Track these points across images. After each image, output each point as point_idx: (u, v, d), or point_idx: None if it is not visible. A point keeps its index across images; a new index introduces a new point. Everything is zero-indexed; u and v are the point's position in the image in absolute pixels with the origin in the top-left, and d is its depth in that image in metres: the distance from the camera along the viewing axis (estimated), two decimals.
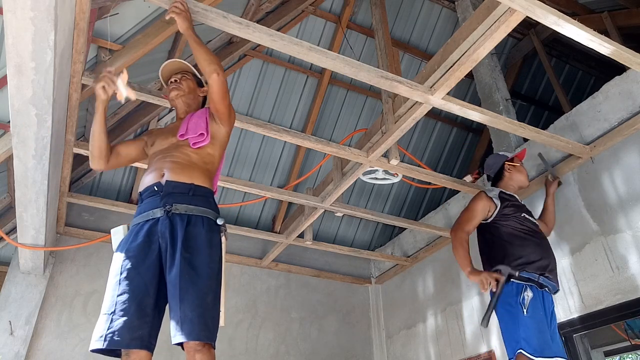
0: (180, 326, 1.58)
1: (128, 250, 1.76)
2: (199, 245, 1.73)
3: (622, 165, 2.98)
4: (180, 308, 1.60)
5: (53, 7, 1.61)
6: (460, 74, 2.43)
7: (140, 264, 1.72)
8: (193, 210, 1.80)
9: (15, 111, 2.07)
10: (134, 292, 1.67)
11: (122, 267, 1.73)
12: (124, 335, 1.59)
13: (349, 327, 5.00)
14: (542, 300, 2.47)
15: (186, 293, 1.62)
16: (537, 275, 2.49)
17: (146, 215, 1.81)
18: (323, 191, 3.73)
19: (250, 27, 2.10)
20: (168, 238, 1.73)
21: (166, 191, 1.83)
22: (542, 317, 2.42)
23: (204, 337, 1.59)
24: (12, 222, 3.79)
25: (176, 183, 1.85)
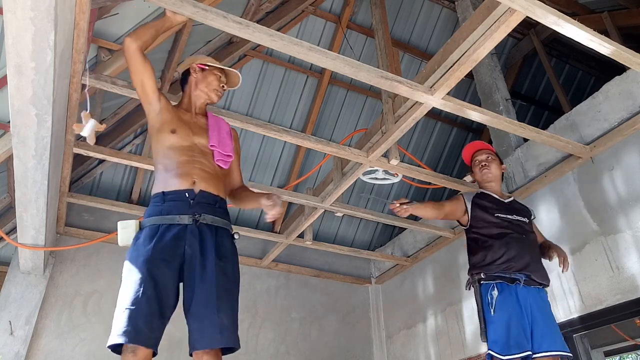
0: (220, 332, 1.65)
1: (154, 249, 1.72)
2: (228, 255, 1.84)
3: (622, 166, 2.98)
4: (218, 315, 1.67)
5: (53, 7, 1.61)
6: (460, 74, 2.43)
7: (166, 266, 1.72)
8: (218, 222, 1.87)
9: (15, 111, 2.07)
10: (159, 292, 1.67)
11: (146, 265, 1.69)
12: (146, 334, 1.59)
13: (349, 327, 5.00)
14: (515, 295, 2.43)
15: (222, 301, 1.71)
16: (508, 272, 2.46)
17: (171, 218, 1.79)
18: (323, 191, 3.73)
19: (250, 27, 2.10)
20: (197, 247, 1.77)
21: (197, 200, 1.85)
22: (511, 314, 2.38)
23: (237, 343, 1.71)
24: (12, 222, 3.80)
25: (207, 194, 1.88)
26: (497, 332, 2.36)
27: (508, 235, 2.58)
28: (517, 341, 2.31)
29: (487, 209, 2.70)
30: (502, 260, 2.51)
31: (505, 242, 2.57)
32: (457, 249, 4.17)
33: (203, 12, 2.00)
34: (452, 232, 4.19)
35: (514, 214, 2.67)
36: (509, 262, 2.49)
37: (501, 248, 2.55)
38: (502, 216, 2.65)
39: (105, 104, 3.67)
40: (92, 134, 2.06)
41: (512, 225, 2.62)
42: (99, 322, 3.88)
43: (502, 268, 2.49)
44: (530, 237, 2.61)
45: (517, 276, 2.46)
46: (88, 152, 3.11)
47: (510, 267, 2.48)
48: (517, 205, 2.75)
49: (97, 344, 3.79)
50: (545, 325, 2.38)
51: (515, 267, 2.48)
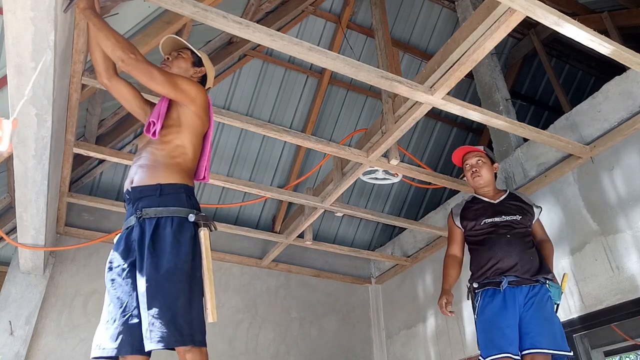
0: (150, 333, 1.54)
1: (111, 260, 1.80)
2: (165, 247, 1.66)
3: (622, 165, 2.98)
4: (148, 315, 1.56)
5: (53, 7, 1.61)
6: (460, 74, 2.42)
7: (122, 272, 1.75)
8: (163, 212, 1.73)
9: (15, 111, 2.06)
10: (119, 300, 1.70)
11: (108, 277, 1.78)
12: (108, 345, 1.64)
13: (349, 327, 5.00)
14: (501, 298, 2.42)
15: (154, 299, 1.58)
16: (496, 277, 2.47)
17: (126, 223, 1.82)
18: (323, 191, 3.73)
19: (250, 27, 2.10)
20: (137, 244, 1.71)
21: (134, 197, 1.80)
22: (492, 316, 2.40)
23: (174, 343, 1.55)
24: (12, 222, 3.80)
25: (142, 187, 1.79)
26: (480, 335, 2.44)
27: (492, 239, 2.56)
28: (496, 343, 2.33)
29: (474, 217, 2.70)
30: (488, 266, 2.51)
31: (488, 247, 2.56)
32: None
33: (203, 12, 2.00)
34: None
35: (502, 214, 2.62)
36: (494, 266, 2.49)
37: (486, 254, 2.55)
38: (489, 221, 2.62)
39: (105, 104, 3.67)
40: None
41: (499, 226, 2.58)
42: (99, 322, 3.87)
43: (489, 274, 2.50)
44: (519, 235, 2.55)
45: (502, 279, 2.45)
46: (88, 152, 3.11)
47: (497, 271, 2.48)
48: (510, 203, 2.68)
49: None
50: (539, 323, 2.33)
51: (500, 270, 2.47)
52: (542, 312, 2.38)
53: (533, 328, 2.32)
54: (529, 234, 2.61)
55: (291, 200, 3.81)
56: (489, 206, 2.68)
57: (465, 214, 2.74)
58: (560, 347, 2.27)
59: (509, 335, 2.33)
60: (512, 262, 2.46)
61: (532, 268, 2.47)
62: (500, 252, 2.50)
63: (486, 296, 2.49)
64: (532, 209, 2.69)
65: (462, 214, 2.75)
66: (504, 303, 2.41)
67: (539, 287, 2.44)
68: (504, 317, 2.37)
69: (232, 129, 4.64)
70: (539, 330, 2.31)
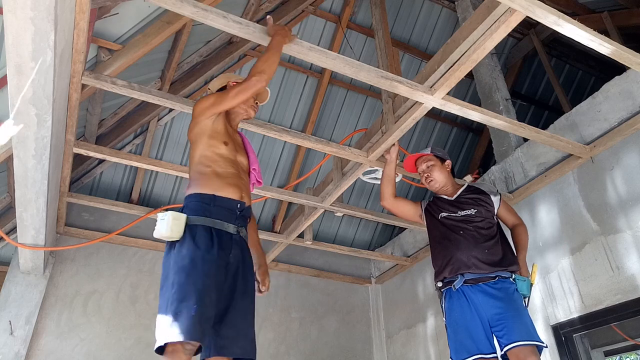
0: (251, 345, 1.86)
1: (218, 255, 1.77)
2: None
3: (622, 165, 2.98)
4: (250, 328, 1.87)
5: (53, 7, 1.61)
6: (460, 74, 2.43)
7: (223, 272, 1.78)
8: (245, 236, 1.97)
9: (15, 111, 2.07)
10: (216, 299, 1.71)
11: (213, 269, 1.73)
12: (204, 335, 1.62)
13: (349, 327, 5.00)
14: (464, 298, 2.38)
15: (252, 315, 1.91)
16: (452, 277, 2.44)
17: (220, 224, 1.84)
18: (323, 191, 3.73)
19: (250, 27, 2.10)
20: (240, 258, 1.87)
21: (242, 214, 1.94)
22: (457, 318, 2.38)
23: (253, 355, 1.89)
24: (12, 222, 3.80)
25: (248, 209, 1.99)
26: (450, 338, 2.40)
27: (447, 236, 2.54)
28: (464, 345, 2.31)
29: (433, 213, 2.71)
30: (444, 264, 2.49)
31: (444, 245, 2.54)
32: None
33: (203, 12, 2.00)
34: None
35: (458, 209, 2.60)
36: (449, 264, 2.46)
37: (442, 252, 2.53)
38: (445, 215, 2.61)
39: (105, 104, 3.67)
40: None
41: (455, 222, 2.55)
42: (99, 322, 3.88)
43: (447, 273, 2.47)
44: (476, 229, 2.50)
45: (456, 277, 2.41)
46: (88, 152, 3.11)
47: (452, 269, 2.44)
48: (465, 198, 2.66)
49: (97, 344, 3.80)
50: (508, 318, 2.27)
51: (456, 268, 2.43)
52: (510, 306, 2.31)
53: (505, 324, 2.26)
54: (489, 225, 2.54)
55: (291, 200, 3.81)
56: (447, 202, 2.70)
57: (428, 209, 2.77)
58: (535, 338, 2.22)
59: (477, 335, 2.29)
60: (466, 259, 2.42)
61: (491, 263, 2.41)
62: (453, 249, 2.47)
63: (449, 297, 2.45)
64: (489, 198, 2.63)
65: (426, 209, 2.79)
66: (467, 302, 2.37)
67: (501, 282, 2.38)
68: (468, 318, 2.33)
69: None
70: (512, 326, 2.25)
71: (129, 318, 3.99)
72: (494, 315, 2.30)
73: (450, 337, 2.40)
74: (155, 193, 4.66)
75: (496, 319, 2.29)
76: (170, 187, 4.70)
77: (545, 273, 3.29)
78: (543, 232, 3.39)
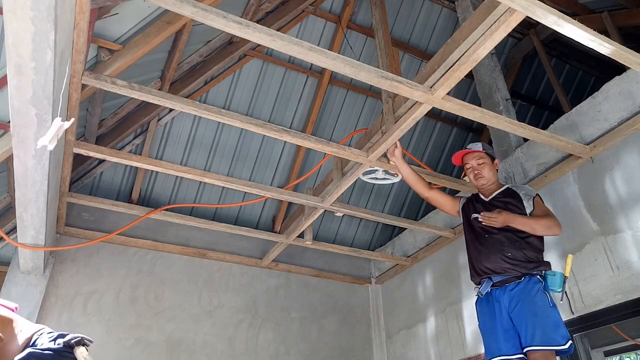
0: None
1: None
2: None
3: (622, 165, 2.98)
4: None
5: (53, 7, 1.61)
6: (460, 74, 2.42)
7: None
8: None
9: (15, 111, 2.07)
10: None
11: None
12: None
13: (349, 327, 5.00)
14: (491, 300, 2.48)
15: None
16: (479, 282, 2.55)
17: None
18: (323, 191, 3.73)
19: (250, 27, 2.10)
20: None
21: None
22: (485, 320, 2.49)
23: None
24: (12, 222, 3.80)
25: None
26: (483, 341, 2.51)
27: (476, 240, 2.60)
28: (489, 347, 2.41)
29: (467, 213, 2.74)
30: (473, 266, 2.59)
31: (474, 247, 2.61)
32: (457, 249, 4.17)
33: (203, 12, 2.00)
34: (452, 232, 4.19)
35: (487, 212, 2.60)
36: (476, 267, 2.56)
37: (472, 255, 2.61)
38: (475, 217, 2.65)
39: (105, 104, 3.67)
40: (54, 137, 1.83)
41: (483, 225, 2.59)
42: (99, 322, 3.88)
43: (476, 275, 2.57)
44: (501, 233, 2.52)
45: (483, 282, 2.50)
46: (88, 152, 3.11)
47: (479, 272, 2.54)
48: (500, 200, 2.66)
49: (97, 344, 3.79)
50: (527, 320, 2.29)
51: (483, 274, 2.51)
52: (530, 307, 2.32)
53: (522, 326, 2.31)
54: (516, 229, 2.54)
55: (291, 200, 3.80)
56: (481, 203, 2.72)
57: (465, 207, 2.80)
58: (550, 342, 2.20)
59: (500, 337, 2.36)
60: (491, 264, 2.48)
61: (515, 263, 2.44)
62: (479, 254, 2.54)
63: (480, 301, 2.56)
64: (521, 202, 2.63)
65: (464, 206, 2.81)
66: (493, 305, 2.45)
67: (525, 281, 2.40)
68: (493, 321, 2.43)
69: (232, 129, 4.64)
70: (528, 328, 2.28)
71: (129, 318, 3.99)
72: (516, 316, 2.36)
73: (483, 340, 2.51)
74: (155, 193, 4.66)
75: (517, 320, 2.35)
76: (170, 187, 4.70)
77: None
78: None
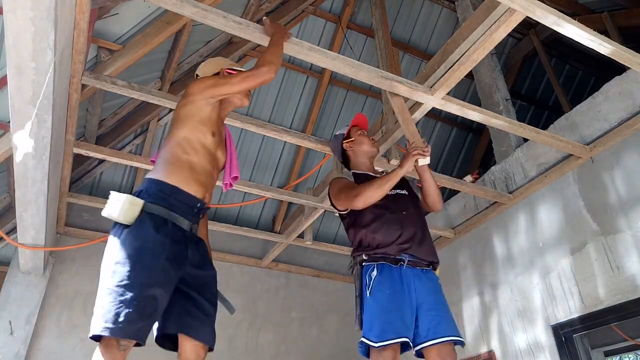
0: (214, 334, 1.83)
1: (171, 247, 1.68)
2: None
3: (622, 166, 2.98)
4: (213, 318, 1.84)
5: (53, 7, 1.61)
6: (460, 74, 2.42)
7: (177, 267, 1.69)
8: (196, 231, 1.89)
9: (15, 111, 2.07)
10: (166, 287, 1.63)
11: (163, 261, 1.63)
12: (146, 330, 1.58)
13: (349, 327, 4.98)
14: (398, 277, 2.18)
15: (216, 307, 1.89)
16: (394, 254, 2.23)
17: (175, 217, 1.74)
18: (323, 191, 3.73)
19: (250, 27, 2.10)
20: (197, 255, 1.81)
21: (199, 211, 1.86)
22: (390, 295, 2.13)
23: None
24: (12, 222, 3.79)
25: (206, 208, 1.91)
26: (373, 315, 2.11)
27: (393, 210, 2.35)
28: (394, 326, 2.05)
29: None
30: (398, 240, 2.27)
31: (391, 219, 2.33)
32: (457, 249, 4.17)
33: (203, 12, 2.00)
34: (452, 232, 4.19)
35: (401, 187, 2.46)
36: (398, 241, 2.26)
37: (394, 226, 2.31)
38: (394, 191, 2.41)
39: (105, 104, 3.67)
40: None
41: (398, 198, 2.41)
42: None
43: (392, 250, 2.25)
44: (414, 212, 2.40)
45: (401, 257, 2.23)
46: (88, 152, 3.11)
47: (401, 248, 2.25)
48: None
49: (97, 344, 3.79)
50: (438, 310, 2.16)
51: (406, 245, 2.25)
52: (443, 298, 2.23)
53: (442, 316, 2.14)
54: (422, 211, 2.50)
55: (291, 200, 3.80)
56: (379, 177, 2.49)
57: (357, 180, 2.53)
58: (459, 334, 2.14)
59: (408, 318, 2.10)
60: (414, 237, 2.29)
61: (429, 248, 2.31)
62: (399, 225, 2.29)
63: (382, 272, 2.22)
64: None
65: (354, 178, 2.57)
66: (402, 284, 2.17)
67: (432, 272, 2.29)
68: (402, 300, 2.13)
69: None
70: (443, 318, 2.14)
71: None
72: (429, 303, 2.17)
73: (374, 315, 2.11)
74: None
75: (429, 308, 2.15)
76: None
77: (545, 273, 3.29)
78: (543, 232, 3.39)
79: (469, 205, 4.12)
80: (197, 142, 1.88)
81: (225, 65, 2.18)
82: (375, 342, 2.01)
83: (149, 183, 1.80)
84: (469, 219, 4.07)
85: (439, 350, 2.07)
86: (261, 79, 1.92)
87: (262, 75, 1.91)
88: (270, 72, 1.91)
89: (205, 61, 2.24)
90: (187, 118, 1.90)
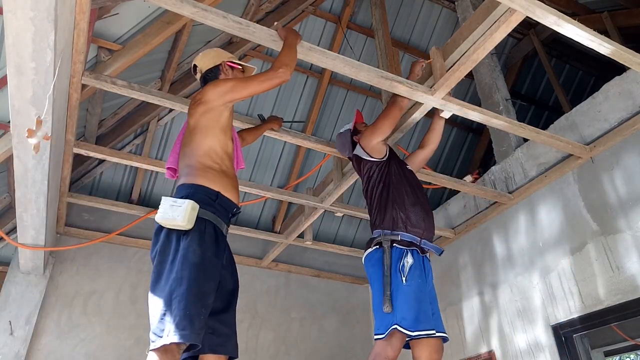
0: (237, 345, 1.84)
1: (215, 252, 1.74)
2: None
3: (622, 166, 2.98)
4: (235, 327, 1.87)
5: (53, 7, 1.61)
6: (460, 74, 2.42)
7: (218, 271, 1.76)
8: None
9: (15, 111, 2.07)
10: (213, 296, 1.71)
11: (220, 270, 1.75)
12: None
13: (349, 327, 5.00)
14: (422, 268, 2.23)
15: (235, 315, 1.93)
16: (419, 239, 2.27)
17: (220, 222, 1.83)
18: (323, 191, 3.73)
19: (250, 27, 2.10)
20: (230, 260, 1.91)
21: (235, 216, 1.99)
22: (421, 286, 2.13)
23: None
24: (12, 222, 3.79)
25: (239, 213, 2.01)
26: (408, 303, 2.08)
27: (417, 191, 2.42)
28: (427, 317, 2.06)
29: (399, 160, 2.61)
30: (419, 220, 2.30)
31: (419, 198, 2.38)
32: (457, 249, 4.17)
33: (203, 12, 2.00)
34: (452, 232, 4.19)
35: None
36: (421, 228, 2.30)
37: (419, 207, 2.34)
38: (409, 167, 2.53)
39: (105, 104, 3.67)
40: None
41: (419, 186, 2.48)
42: (99, 322, 3.88)
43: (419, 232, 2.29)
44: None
45: (427, 247, 2.29)
46: (88, 152, 3.11)
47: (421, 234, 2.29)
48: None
49: (97, 344, 3.80)
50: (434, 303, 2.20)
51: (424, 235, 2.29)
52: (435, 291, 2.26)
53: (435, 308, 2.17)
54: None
55: (291, 200, 3.81)
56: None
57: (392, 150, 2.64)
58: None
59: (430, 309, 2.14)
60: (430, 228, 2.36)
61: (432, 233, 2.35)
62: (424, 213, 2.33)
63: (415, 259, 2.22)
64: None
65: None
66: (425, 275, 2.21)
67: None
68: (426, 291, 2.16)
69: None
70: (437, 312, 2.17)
71: (129, 318, 3.99)
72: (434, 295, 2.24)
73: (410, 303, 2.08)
74: (155, 193, 4.66)
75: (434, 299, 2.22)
76: (171, 187, 4.70)
77: (545, 273, 3.29)
78: (543, 232, 3.39)
79: (469, 205, 4.12)
80: (222, 151, 1.96)
81: (226, 58, 2.21)
82: (412, 330, 2.02)
83: (193, 188, 1.81)
84: (469, 219, 4.07)
85: (430, 343, 2.12)
86: (279, 80, 1.99)
87: (279, 77, 1.98)
88: (286, 73, 1.98)
89: (204, 51, 2.26)
90: (209, 127, 1.95)
